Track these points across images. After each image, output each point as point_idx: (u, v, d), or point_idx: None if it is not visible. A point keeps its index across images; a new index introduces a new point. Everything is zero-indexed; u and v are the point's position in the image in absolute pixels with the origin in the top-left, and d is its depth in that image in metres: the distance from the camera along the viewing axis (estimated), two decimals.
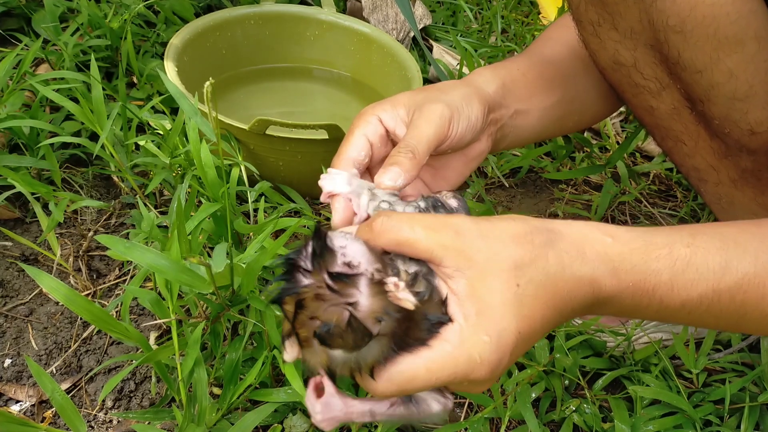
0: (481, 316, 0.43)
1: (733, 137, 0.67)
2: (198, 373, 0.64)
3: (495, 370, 0.44)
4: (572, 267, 0.46)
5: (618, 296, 0.48)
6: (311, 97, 1.24)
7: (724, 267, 0.48)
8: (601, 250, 0.47)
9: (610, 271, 0.47)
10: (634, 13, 0.64)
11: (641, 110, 0.74)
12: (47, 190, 0.83)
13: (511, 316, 0.44)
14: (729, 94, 0.63)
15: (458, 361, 0.43)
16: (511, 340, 0.44)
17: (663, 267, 0.48)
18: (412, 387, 0.44)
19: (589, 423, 0.77)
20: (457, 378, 0.44)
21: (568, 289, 0.46)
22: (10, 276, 0.87)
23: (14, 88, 0.93)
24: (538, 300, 0.45)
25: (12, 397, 0.75)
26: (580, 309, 0.48)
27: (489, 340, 0.43)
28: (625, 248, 0.48)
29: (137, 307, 0.85)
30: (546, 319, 0.46)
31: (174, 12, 1.26)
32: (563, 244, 0.47)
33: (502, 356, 0.44)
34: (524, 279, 0.44)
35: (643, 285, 0.48)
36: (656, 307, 0.49)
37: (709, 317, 0.50)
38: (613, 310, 0.50)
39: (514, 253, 0.45)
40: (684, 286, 0.48)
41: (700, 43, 0.61)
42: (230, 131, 0.92)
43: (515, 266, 0.44)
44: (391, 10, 1.47)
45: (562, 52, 0.80)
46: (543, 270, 0.45)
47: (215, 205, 0.74)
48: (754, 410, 0.77)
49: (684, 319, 0.51)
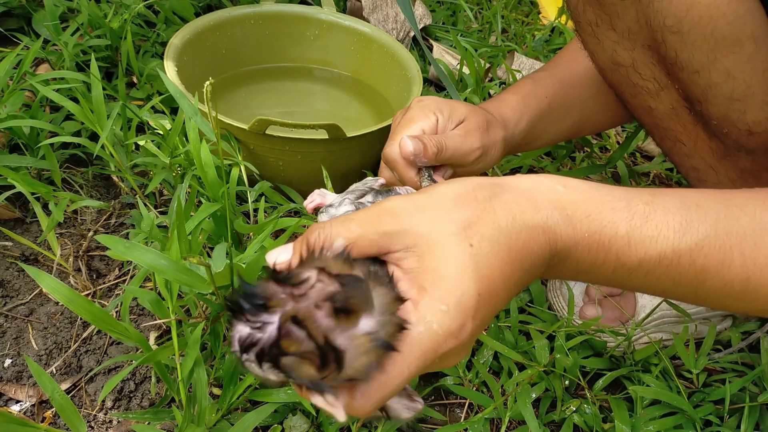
0: (435, 287, 0.41)
1: (732, 137, 0.67)
2: (198, 373, 0.64)
3: (459, 337, 0.41)
4: (524, 216, 0.44)
5: (575, 249, 0.45)
6: (311, 97, 1.24)
7: (684, 227, 0.46)
8: (554, 198, 0.45)
9: (564, 219, 0.45)
10: (632, 13, 0.64)
11: (640, 110, 0.75)
12: (47, 190, 0.83)
13: (468, 280, 0.41)
14: (726, 94, 0.63)
15: (422, 342, 0.40)
16: (471, 303, 0.41)
17: (620, 219, 0.45)
18: (389, 391, 0.40)
19: (589, 423, 0.77)
20: (427, 359, 0.40)
21: (524, 240, 0.43)
22: (10, 276, 0.87)
23: (14, 88, 0.93)
24: (495, 257, 0.42)
25: (12, 397, 0.75)
26: (540, 263, 0.45)
27: (447, 309, 0.40)
28: (579, 197, 0.46)
29: (137, 307, 0.85)
30: (506, 275, 0.43)
31: (174, 12, 1.26)
32: (510, 195, 0.45)
33: (463, 321, 0.41)
34: (476, 237, 0.42)
35: (599, 237, 0.45)
36: (612, 264, 0.46)
37: (668, 281, 0.47)
38: (571, 269, 0.47)
39: (459, 214, 0.42)
40: (642, 242, 0.45)
41: (697, 44, 0.61)
42: (230, 131, 0.92)
43: (464, 227, 0.42)
44: (391, 10, 1.47)
45: (584, 75, 0.84)
46: (493, 224, 0.43)
47: (215, 205, 0.74)
48: (754, 410, 0.77)
49: (641, 281, 0.48)
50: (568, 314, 0.87)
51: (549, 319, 0.89)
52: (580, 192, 0.46)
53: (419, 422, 0.77)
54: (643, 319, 0.85)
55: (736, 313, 0.87)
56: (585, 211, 0.45)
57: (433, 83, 1.39)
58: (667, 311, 0.87)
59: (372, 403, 0.40)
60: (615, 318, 0.89)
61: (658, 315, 0.87)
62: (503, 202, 0.44)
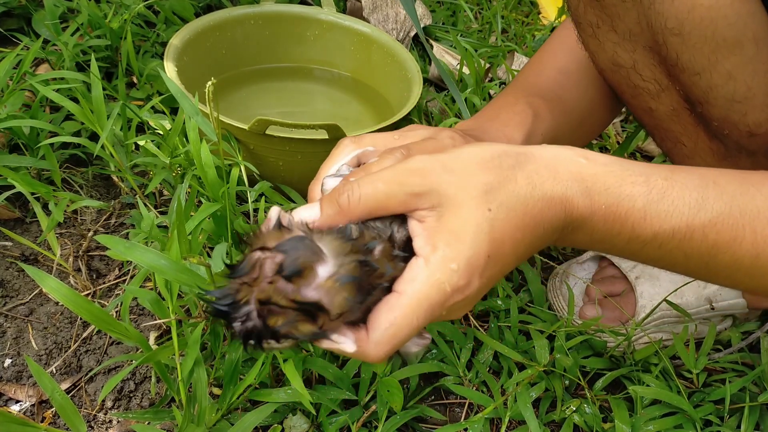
0: (450, 246, 0.43)
1: (732, 139, 0.67)
2: (198, 373, 0.64)
3: (466, 292, 0.44)
4: (543, 186, 0.46)
5: (590, 219, 0.47)
6: (311, 97, 1.24)
7: (700, 203, 0.48)
8: (575, 170, 0.47)
9: (583, 191, 0.46)
10: (633, 15, 0.64)
11: (640, 111, 0.75)
12: (47, 190, 0.83)
13: (481, 242, 0.43)
14: (728, 95, 0.63)
15: (430, 295, 0.43)
16: (480, 263, 0.44)
17: (638, 193, 0.47)
18: (399, 340, 0.43)
19: (589, 423, 0.77)
20: (435, 312, 0.44)
21: (540, 208, 0.45)
22: (10, 276, 0.87)
23: (14, 88, 0.93)
24: (509, 223, 0.44)
25: (12, 397, 0.75)
26: (553, 231, 0.47)
27: (457, 268, 0.43)
28: (600, 169, 0.47)
29: (137, 307, 0.85)
30: (517, 240, 0.45)
31: (174, 12, 1.26)
32: (533, 165, 0.46)
33: (470, 279, 0.44)
34: (495, 203, 0.44)
35: (615, 209, 0.47)
36: (627, 235, 0.48)
37: (680, 254, 0.49)
38: (584, 238, 0.49)
39: (483, 178, 0.44)
40: (657, 216, 0.47)
41: (698, 45, 0.61)
42: (230, 131, 0.92)
43: (485, 191, 0.44)
44: (391, 10, 1.47)
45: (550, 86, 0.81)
46: (513, 192, 0.45)
47: (215, 205, 0.74)
48: (755, 410, 0.77)
49: (654, 253, 0.50)
50: (568, 314, 0.87)
51: (549, 319, 0.89)
52: (602, 165, 0.48)
53: (419, 422, 0.78)
54: (643, 319, 0.85)
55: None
56: (604, 184, 0.47)
57: (433, 83, 1.39)
58: (667, 311, 0.87)
59: (385, 350, 0.43)
60: (615, 318, 0.89)
61: (658, 315, 0.87)
62: (526, 171, 0.46)
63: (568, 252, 1.04)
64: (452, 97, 1.27)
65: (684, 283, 0.86)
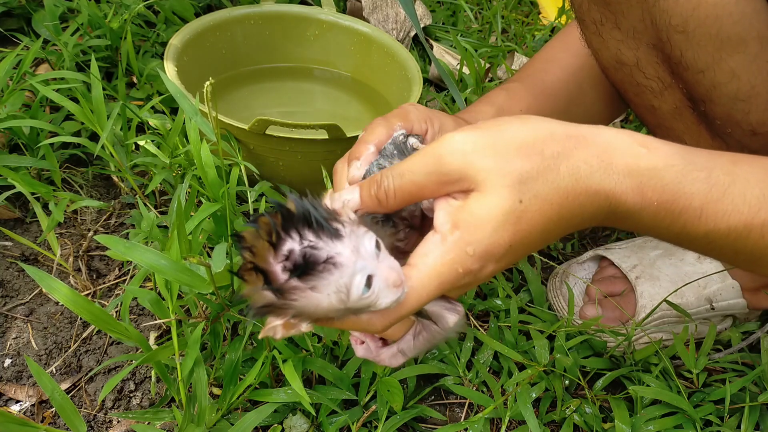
0: (469, 230, 0.42)
1: (735, 138, 0.67)
2: (198, 373, 0.64)
3: (479, 275, 0.44)
4: (589, 179, 0.43)
5: (638, 213, 0.45)
6: (311, 97, 1.24)
7: (761, 201, 0.45)
8: (631, 162, 0.44)
9: (635, 187, 0.44)
10: (637, 12, 0.64)
11: (643, 109, 0.75)
12: (47, 190, 0.83)
13: (504, 232, 0.42)
14: (731, 94, 0.63)
15: (441, 273, 0.43)
16: (500, 251, 0.43)
17: (697, 191, 0.44)
18: (405, 311, 0.43)
19: (589, 423, 0.76)
20: (443, 289, 0.43)
21: (580, 202, 0.43)
22: (10, 276, 0.87)
23: (14, 88, 0.93)
24: (543, 215, 0.43)
25: (12, 397, 0.75)
26: (592, 220, 0.45)
27: (473, 253, 0.42)
28: (660, 162, 0.44)
29: (137, 307, 0.85)
30: (548, 231, 0.44)
31: (174, 12, 1.26)
32: (584, 154, 0.43)
33: (485, 263, 0.43)
34: (529, 194, 0.42)
35: (670, 206, 0.44)
36: (678, 230, 0.46)
37: (729, 251, 0.47)
38: (627, 226, 0.47)
39: (518, 166, 0.42)
40: (714, 216, 0.45)
41: (702, 43, 0.61)
42: (230, 131, 0.92)
43: (519, 181, 0.42)
44: (391, 10, 1.47)
45: (555, 85, 0.81)
46: (552, 183, 0.43)
47: (215, 206, 0.74)
48: (754, 410, 0.77)
49: (702, 248, 0.48)
50: (568, 314, 0.87)
51: (549, 319, 0.88)
52: (663, 157, 0.44)
53: (419, 422, 0.77)
54: (643, 319, 0.85)
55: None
56: (662, 180, 0.44)
57: (433, 83, 1.39)
58: (668, 311, 0.87)
59: (390, 320, 0.43)
60: (615, 318, 0.89)
61: (658, 315, 0.87)
62: (572, 160, 0.43)
63: (568, 252, 1.04)
64: (452, 97, 1.27)
65: (684, 283, 0.86)
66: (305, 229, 0.40)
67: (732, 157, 0.47)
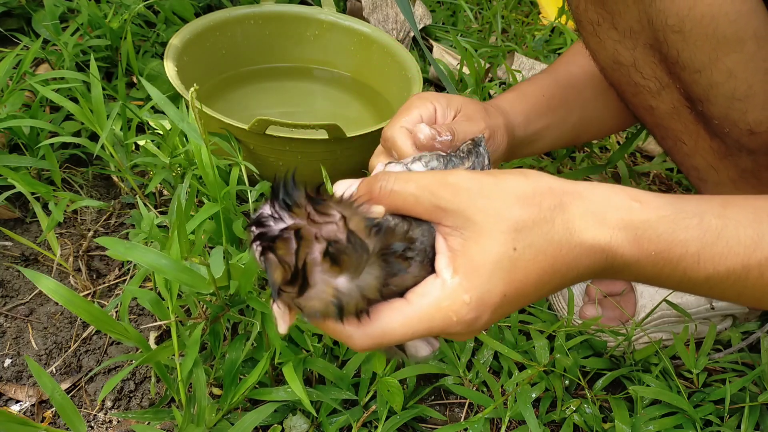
0: (468, 276, 0.42)
1: (733, 137, 0.67)
2: (197, 373, 0.64)
3: (472, 327, 0.43)
4: (584, 233, 0.44)
5: (636, 264, 0.45)
6: (311, 97, 1.24)
7: (756, 241, 0.46)
8: (625, 216, 0.45)
9: (630, 239, 0.45)
10: (633, 12, 0.64)
11: (641, 109, 0.75)
12: (47, 190, 0.83)
13: (499, 280, 0.42)
14: (728, 93, 0.63)
15: (434, 318, 0.43)
16: (494, 301, 0.43)
17: (691, 238, 0.45)
18: (387, 341, 0.43)
19: (589, 423, 0.76)
20: (433, 332, 0.43)
21: (575, 255, 0.44)
22: (10, 276, 0.87)
23: (14, 88, 0.93)
24: (536, 265, 0.43)
25: (12, 397, 0.75)
26: (590, 274, 0.46)
27: (469, 301, 0.42)
28: (653, 215, 0.45)
29: (137, 307, 0.85)
30: (543, 282, 0.44)
31: (174, 12, 1.26)
32: (579, 209, 0.44)
33: (480, 314, 0.43)
34: (523, 243, 0.43)
35: (667, 255, 0.45)
36: (678, 278, 0.46)
37: (732, 292, 0.48)
38: (630, 276, 0.48)
39: (516, 214, 0.43)
40: (711, 260, 0.46)
41: (699, 43, 0.61)
42: (230, 131, 0.92)
43: (515, 229, 0.43)
44: (391, 10, 1.47)
45: (582, 77, 0.84)
46: (546, 235, 0.43)
47: (215, 206, 0.74)
48: (755, 410, 0.77)
49: (705, 292, 0.49)
50: (568, 314, 0.87)
51: (549, 319, 0.88)
52: (654, 209, 0.46)
53: (419, 422, 0.77)
54: (643, 319, 0.85)
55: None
56: (656, 231, 0.45)
57: (433, 83, 1.39)
58: (667, 311, 0.86)
59: (370, 344, 0.43)
60: (615, 318, 0.89)
61: (658, 315, 0.87)
62: (567, 214, 0.44)
63: None
64: None
65: None
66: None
67: (722, 201, 0.48)
